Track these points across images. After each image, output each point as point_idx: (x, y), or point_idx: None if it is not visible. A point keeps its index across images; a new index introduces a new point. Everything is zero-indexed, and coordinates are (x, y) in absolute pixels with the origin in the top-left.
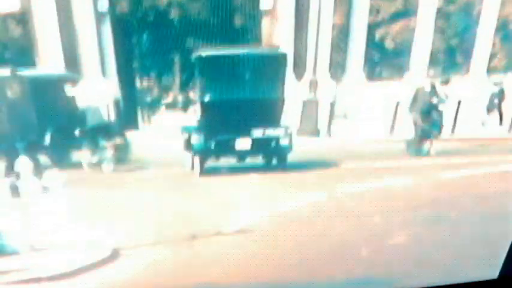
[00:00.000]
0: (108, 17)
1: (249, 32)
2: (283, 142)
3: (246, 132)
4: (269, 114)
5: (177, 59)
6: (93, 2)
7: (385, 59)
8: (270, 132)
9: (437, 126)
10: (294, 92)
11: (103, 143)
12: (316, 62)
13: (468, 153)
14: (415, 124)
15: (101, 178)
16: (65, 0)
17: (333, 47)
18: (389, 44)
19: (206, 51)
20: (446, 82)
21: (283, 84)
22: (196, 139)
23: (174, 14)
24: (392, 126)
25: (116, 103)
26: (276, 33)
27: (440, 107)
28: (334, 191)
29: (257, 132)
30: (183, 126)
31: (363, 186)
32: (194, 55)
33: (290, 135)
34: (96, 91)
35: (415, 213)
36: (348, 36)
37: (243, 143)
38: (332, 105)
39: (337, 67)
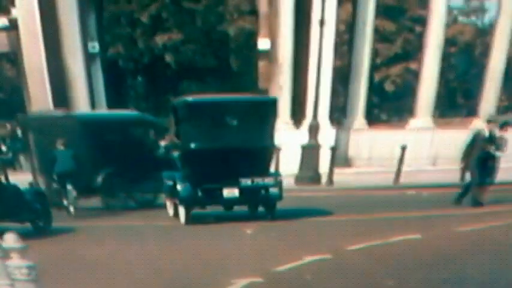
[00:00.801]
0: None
1: (244, 75)
2: (273, 190)
3: (234, 181)
4: (258, 162)
5: (171, 102)
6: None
7: (386, 102)
8: (259, 180)
9: (492, 174)
10: (292, 137)
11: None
12: (316, 106)
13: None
14: (469, 172)
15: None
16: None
17: (333, 90)
18: (389, 87)
19: (192, 98)
20: (505, 126)
21: (272, 131)
22: (182, 187)
23: (169, 58)
24: (398, 173)
25: None
26: (274, 76)
27: (497, 153)
28: (338, 248)
29: (245, 181)
30: (167, 173)
31: (370, 241)
32: (179, 100)
33: (280, 184)
34: None
35: (435, 272)
36: (348, 79)
37: (230, 192)
38: (333, 150)
39: (337, 111)
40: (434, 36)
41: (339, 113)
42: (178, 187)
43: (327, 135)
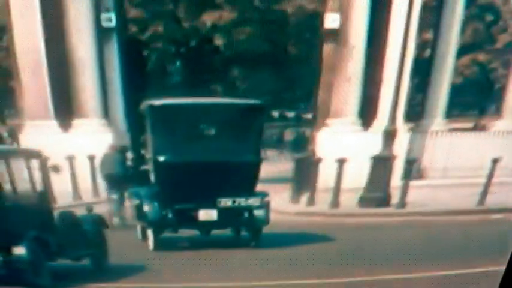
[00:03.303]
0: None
1: (302, 63)
2: (258, 213)
3: (211, 201)
4: (240, 179)
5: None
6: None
7: (454, 96)
8: (241, 201)
9: None
10: (358, 142)
11: None
12: (395, 106)
13: None
14: None
15: None
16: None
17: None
18: (457, 79)
19: (161, 100)
20: None
21: (258, 142)
22: (150, 207)
23: (218, 40)
24: (485, 193)
25: None
26: (341, 63)
27: None
28: None
29: (225, 201)
30: (132, 190)
31: None
32: (147, 104)
33: (267, 205)
34: None
35: None
36: (429, 72)
37: (207, 214)
38: (410, 164)
39: (411, 114)
40: None
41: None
42: (146, 207)
43: (401, 142)
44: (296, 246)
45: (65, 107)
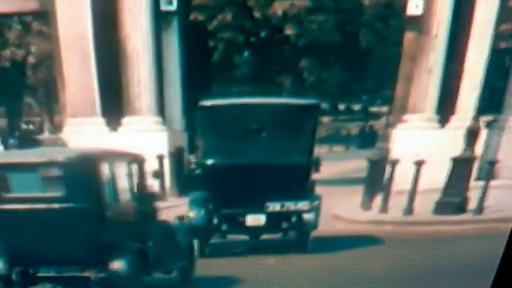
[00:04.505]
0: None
1: (374, 54)
2: (307, 217)
3: (259, 205)
4: (290, 182)
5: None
6: None
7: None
8: (290, 205)
9: None
10: (435, 140)
11: None
12: (480, 100)
13: None
14: None
15: None
16: None
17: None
18: None
19: (210, 100)
20: None
21: (311, 144)
22: (196, 212)
23: (289, 30)
24: None
25: None
26: (422, 54)
27: None
28: None
29: (273, 206)
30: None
31: None
32: (200, 104)
33: (316, 209)
34: None
35: None
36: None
37: (254, 219)
38: (492, 164)
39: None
40: None
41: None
42: (192, 212)
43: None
44: (357, 256)
45: (114, 103)
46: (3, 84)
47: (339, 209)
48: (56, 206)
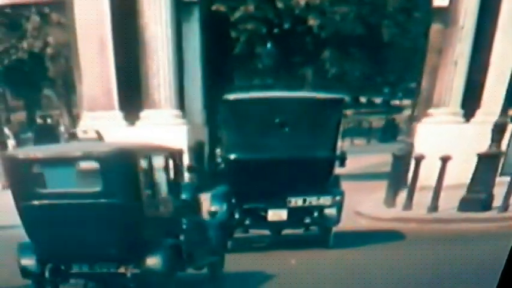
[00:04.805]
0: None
1: (395, 47)
2: (328, 213)
3: (281, 200)
4: (313, 176)
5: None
6: None
7: None
8: (313, 200)
9: None
10: (459, 134)
11: None
12: (507, 94)
13: None
14: None
15: None
16: None
17: None
18: None
19: (234, 95)
20: None
21: (335, 139)
22: (218, 206)
23: (312, 21)
24: None
25: None
26: (449, 46)
27: None
28: None
29: (295, 201)
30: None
31: None
32: (223, 98)
33: (339, 204)
34: None
35: None
36: None
37: (276, 214)
38: None
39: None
40: None
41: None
42: (213, 206)
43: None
44: (379, 252)
45: (133, 96)
46: (22, 76)
47: (362, 206)
48: (93, 201)
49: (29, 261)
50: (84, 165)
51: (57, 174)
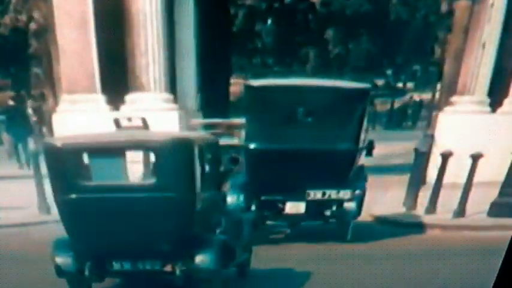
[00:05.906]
0: None
1: (400, 27)
2: (348, 206)
3: (300, 193)
4: (334, 169)
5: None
6: None
7: None
8: (332, 193)
9: None
10: (486, 126)
11: None
12: None
13: None
14: None
15: None
16: None
17: None
18: None
19: (259, 81)
20: None
21: (359, 130)
22: (234, 197)
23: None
24: None
25: None
26: (477, 26)
27: None
28: None
29: (314, 193)
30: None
31: None
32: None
33: (359, 198)
34: None
35: None
36: None
37: (294, 207)
38: None
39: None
40: None
41: None
42: (229, 198)
43: None
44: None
45: (117, 77)
46: (6, 54)
47: (379, 208)
48: (144, 195)
49: (65, 259)
50: (136, 156)
51: (105, 166)
